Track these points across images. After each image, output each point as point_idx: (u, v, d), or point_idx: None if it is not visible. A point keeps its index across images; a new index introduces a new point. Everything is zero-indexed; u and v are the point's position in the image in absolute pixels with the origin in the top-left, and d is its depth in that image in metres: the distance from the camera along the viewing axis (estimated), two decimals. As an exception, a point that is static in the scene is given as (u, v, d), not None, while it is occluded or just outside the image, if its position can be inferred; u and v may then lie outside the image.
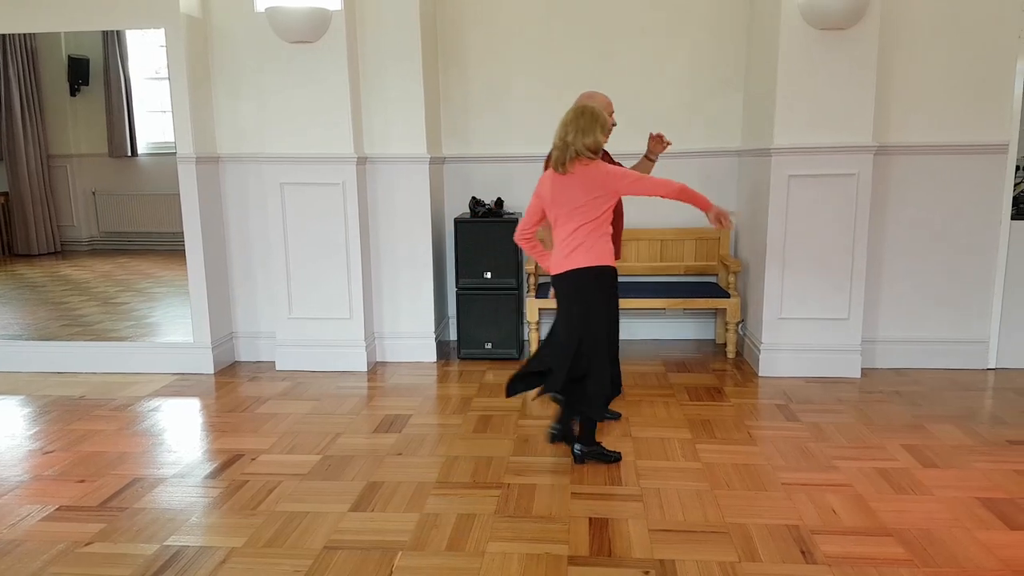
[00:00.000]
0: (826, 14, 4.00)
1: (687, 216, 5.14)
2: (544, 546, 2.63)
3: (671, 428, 3.70)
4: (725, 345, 4.95)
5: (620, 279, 5.12)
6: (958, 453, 3.37)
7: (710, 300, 4.84)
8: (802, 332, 4.44)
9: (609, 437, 3.59)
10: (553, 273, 3.24)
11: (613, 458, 3.32)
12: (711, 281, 5.16)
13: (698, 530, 2.72)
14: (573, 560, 2.54)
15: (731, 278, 4.81)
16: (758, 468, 3.24)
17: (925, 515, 2.81)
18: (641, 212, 5.16)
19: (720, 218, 3.15)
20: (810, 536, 2.67)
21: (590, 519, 2.81)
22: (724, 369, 4.68)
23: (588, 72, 5.05)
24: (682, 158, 5.09)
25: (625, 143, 5.09)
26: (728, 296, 4.80)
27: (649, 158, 3.87)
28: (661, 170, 5.09)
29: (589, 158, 3.08)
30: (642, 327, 5.38)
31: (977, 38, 4.29)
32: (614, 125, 3.48)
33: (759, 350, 4.52)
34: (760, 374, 4.50)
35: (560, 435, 3.42)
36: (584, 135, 3.05)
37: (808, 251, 4.36)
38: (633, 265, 5.17)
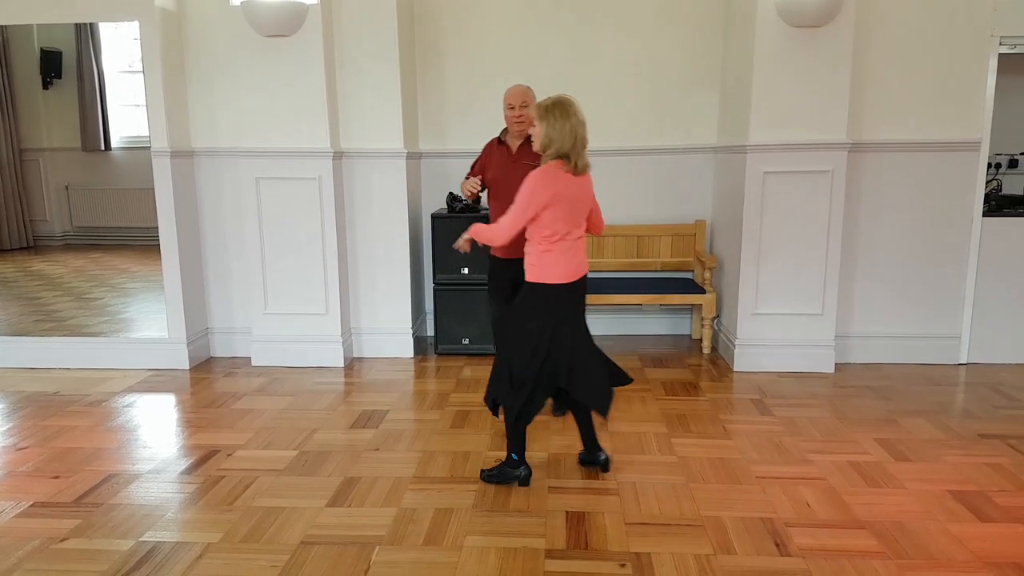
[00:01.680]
0: (801, 12, 4.05)
1: (663, 212, 5.18)
2: (521, 540, 2.65)
3: (647, 423, 3.73)
4: (701, 340, 4.99)
5: (598, 274, 5.19)
6: (930, 447, 3.43)
7: (686, 296, 4.88)
8: (777, 327, 4.49)
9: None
10: (572, 280, 3.04)
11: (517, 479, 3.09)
12: (687, 277, 5.21)
13: (674, 523, 2.75)
14: (550, 553, 2.56)
15: (707, 274, 4.86)
16: (733, 462, 3.28)
17: (897, 508, 2.86)
18: (617, 208, 5.19)
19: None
20: (784, 529, 2.71)
21: (567, 513, 2.83)
22: (700, 364, 4.72)
23: (564, 68, 5.07)
24: (656, 155, 5.13)
25: (602, 140, 5.13)
26: (704, 292, 4.84)
27: None
28: (629, 165, 5.14)
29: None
30: (618, 323, 5.41)
31: (950, 36, 4.36)
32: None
33: (734, 345, 4.56)
34: (735, 369, 4.54)
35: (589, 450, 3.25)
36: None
37: (783, 247, 4.40)
38: (609, 261, 5.19)
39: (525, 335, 2.95)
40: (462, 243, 3.22)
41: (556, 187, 2.88)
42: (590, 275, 5.12)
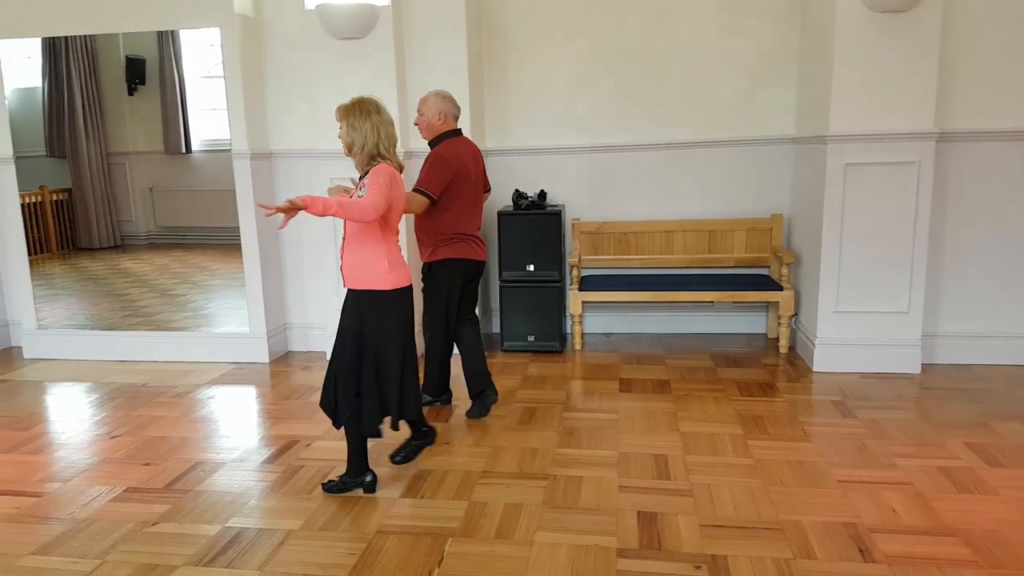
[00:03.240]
0: (886, -2, 3.89)
1: (737, 206, 5.06)
2: (592, 537, 2.63)
3: (721, 423, 3.65)
4: (777, 339, 4.85)
5: (668, 271, 5.11)
6: (1025, 452, 3.25)
7: (762, 293, 4.75)
8: (859, 326, 4.33)
9: (657, 431, 3.56)
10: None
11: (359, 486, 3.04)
12: (763, 273, 5.07)
13: (750, 526, 2.69)
14: (622, 552, 2.54)
15: (784, 270, 4.72)
16: (813, 465, 3.17)
17: (991, 516, 2.72)
18: (689, 202, 5.10)
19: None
20: (868, 535, 2.61)
21: (638, 512, 2.80)
22: (776, 364, 4.59)
23: (633, 62, 5.01)
24: (730, 146, 5.01)
25: (674, 132, 5.05)
26: (781, 289, 4.70)
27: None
28: (702, 157, 5.04)
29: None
30: (690, 321, 5.31)
31: (1047, 20, 4.11)
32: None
33: (814, 344, 4.42)
34: (815, 369, 4.40)
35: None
36: None
37: (866, 242, 4.24)
38: (680, 257, 5.10)
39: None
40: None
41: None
42: (660, 270, 5.09)
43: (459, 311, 3.75)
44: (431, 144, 3.69)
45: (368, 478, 3.03)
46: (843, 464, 3.18)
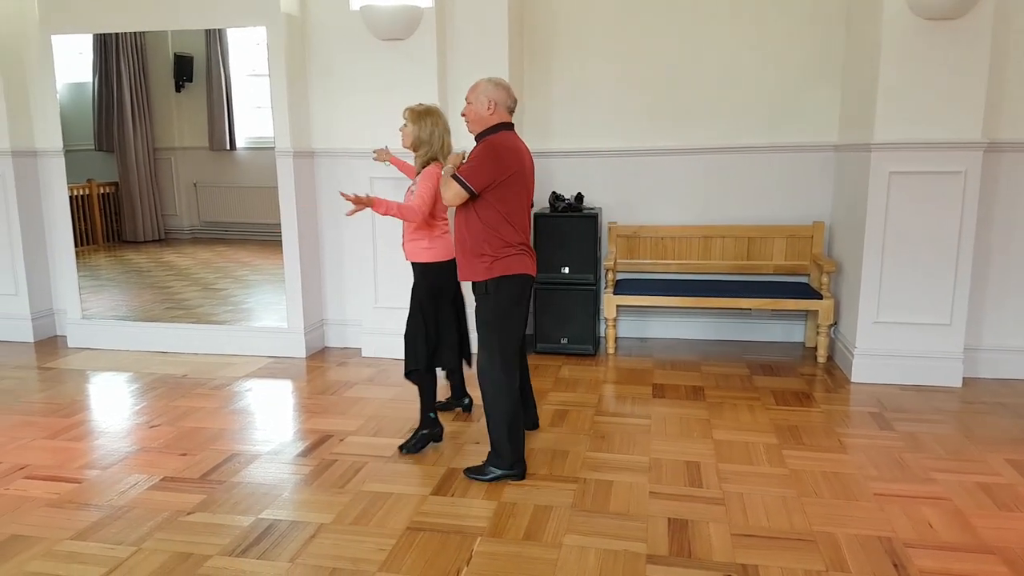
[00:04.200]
0: (935, 4, 3.81)
1: (777, 213, 5.00)
2: (621, 543, 2.62)
3: (756, 432, 3.61)
4: (815, 349, 4.78)
5: (705, 276, 5.07)
6: (1070, 471, 3.16)
7: (801, 301, 4.68)
8: (899, 337, 4.25)
9: (690, 438, 3.53)
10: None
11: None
12: (802, 282, 5.00)
13: (783, 536, 2.65)
14: (651, 559, 2.52)
15: (824, 279, 4.65)
16: (848, 477, 3.12)
17: (1032, 534, 2.65)
18: (727, 208, 5.05)
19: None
20: (904, 549, 2.56)
21: (669, 519, 2.78)
22: (814, 374, 4.52)
23: (674, 66, 4.98)
24: (771, 152, 4.95)
25: (714, 137, 5.00)
26: (821, 298, 4.63)
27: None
28: (742, 163, 4.98)
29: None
30: (725, 328, 5.26)
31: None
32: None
33: (852, 355, 4.34)
34: (853, 380, 4.33)
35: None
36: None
37: (909, 252, 4.16)
38: (717, 263, 5.06)
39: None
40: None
41: None
42: (697, 275, 5.05)
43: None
44: (478, 139, 3.15)
45: (438, 429, 3.46)
46: (880, 477, 3.12)
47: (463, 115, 3.16)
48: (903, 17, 3.95)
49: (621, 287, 4.93)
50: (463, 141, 4.41)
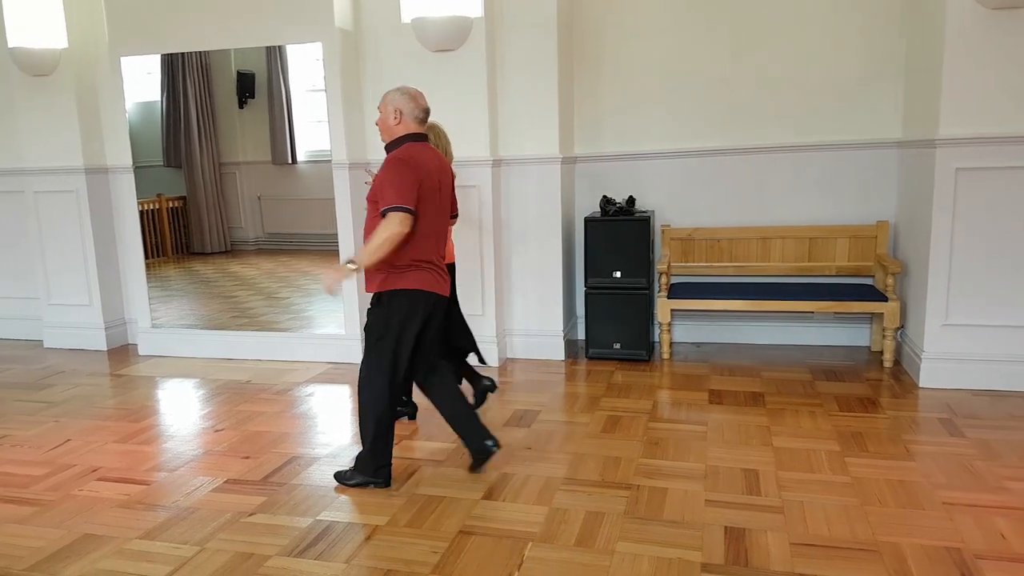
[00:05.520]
0: (1003, -8, 3.66)
1: (839, 212, 4.86)
2: (675, 551, 2.58)
3: (817, 439, 3.50)
4: (881, 353, 4.62)
5: (764, 279, 4.96)
6: None
7: (866, 304, 4.54)
8: (970, 340, 4.07)
9: (748, 445, 3.46)
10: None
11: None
12: (867, 283, 4.84)
13: (845, 546, 2.57)
14: (706, 567, 2.48)
15: (890, 280, 4.49)
16: (915, 485, 3.00)
17: (1115, 547, 2.50)
18: (787, 208, 4.94)
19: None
20: (974, 560, 2.45)
21: (725, 528, 2.72)
22: (880, 379, 4.37)
23: (727, 64, 4.90)
24: (832, 150, 4.82)
25: (771, 135, 4.90)
26: (886, 300, 4.48)
27: None
28: (801, 161, 4.86)
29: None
30: (786, 332, 5.12)
31: None
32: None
33: (920, 359, 4.18)
34: (921, 385, 4.16)
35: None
36: None
37: (978, 251, 3.99)
38: (778, 265, 4.94)
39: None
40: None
41: None
42: (755, 278, 4.94)
43: (414, 357, 3.10)
44: (387, 149, 3.09)
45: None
46: (948, 485, 2.99)
47: (376, 124, 3.13)
48: (968, 7, 3.80)
49: (675, 291, 4.86)
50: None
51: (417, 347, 3.06)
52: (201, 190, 6.49)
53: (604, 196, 4.95)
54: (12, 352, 5.66)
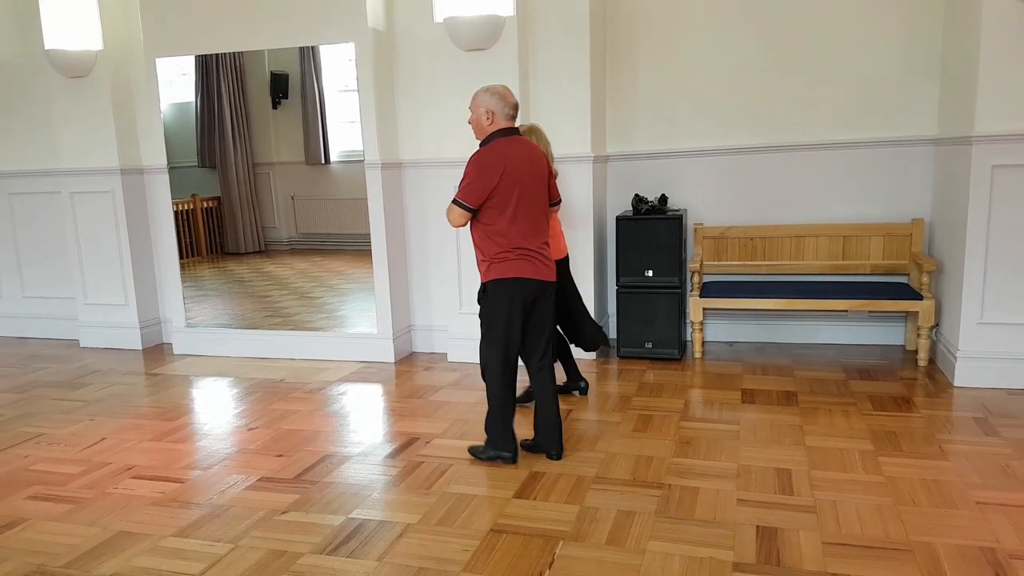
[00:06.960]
0: (1042, -16, 3.58)
1: (874, 210, 4.80)
2: (707, 550, 2.58)
3: (851, 439, 3.47)
4: (916, 352, 4.55)
5: (797, 277, 4.92)
6: None
7: (900, 302, 4.47)
8: (1006, 339, 4.00)
9: (781, 444, 3.44)
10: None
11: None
12: (901, 282, 4.77)
13: (878, 546, 2.55)
14: (738, 567, 2.47)
15: (925, 278, 4.42)
16: (949, 485, 2.97)
17: None
18: (821, 206, 4.88)
19: None
20: (1008, 561, 2.42)
21: (757, 527, 2.71)
22: (914, 378, 4.31)
23: (760, 62, 4.86)
24: (866, 147, 4.76)
25: (805, 133, 4.85)
26: (921, 298, 4.41)
27: None
28: (835, 159, 4.80)
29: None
30: (821, 330, 5.07)
31: None
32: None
33: (955, 358, 4.12)
34: (956, 384, 4.10)
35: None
36: None
37: (1015, 249, 3.92)
38: (811, 263, 4.89)
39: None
40: None
41: None
42: (789, 276, 4.90)
43: (524, 341, 3.30)
44: (480, 145, 3.30)
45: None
46: (983, 485, 2.95)
47: (469, 123, 3.34)
48: (1004, 3, 3.73)
49: (708, 290, 4.84)
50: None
51: (524, 331, 3.27)
52: (235, 190, 6.58)
53: (636, 195, 4.93)
54: (49, 351, 5.81)
